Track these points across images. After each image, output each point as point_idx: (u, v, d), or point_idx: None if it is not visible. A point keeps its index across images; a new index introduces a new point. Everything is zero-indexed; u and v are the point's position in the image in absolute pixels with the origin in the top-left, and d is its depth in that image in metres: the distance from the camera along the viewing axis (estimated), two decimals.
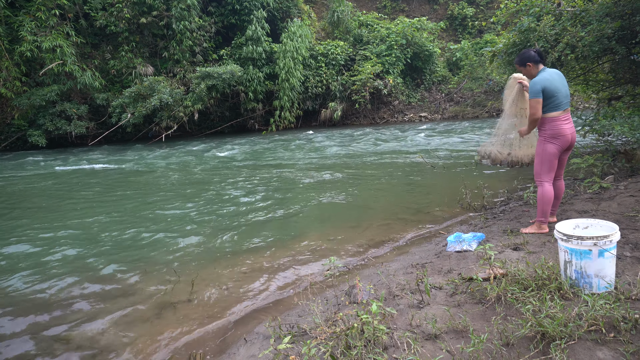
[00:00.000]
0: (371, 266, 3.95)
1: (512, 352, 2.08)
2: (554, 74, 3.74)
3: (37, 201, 7.89)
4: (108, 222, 6.13)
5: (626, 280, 2.63)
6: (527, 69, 3.85)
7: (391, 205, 6.32)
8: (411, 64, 23.65)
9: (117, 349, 2.99)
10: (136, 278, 4.13)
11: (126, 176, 10.36)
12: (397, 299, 2.89)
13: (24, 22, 16.22)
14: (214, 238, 5.19)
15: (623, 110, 7.11)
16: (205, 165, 11.59)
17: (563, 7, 6.49)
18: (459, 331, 2.34)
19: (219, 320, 3.29)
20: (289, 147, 14.65)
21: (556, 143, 3.71)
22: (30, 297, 3.84)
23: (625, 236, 3.35)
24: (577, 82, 7.71)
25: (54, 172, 11.41)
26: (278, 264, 4.30)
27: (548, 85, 3.65)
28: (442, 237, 4.54)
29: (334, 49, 22.47)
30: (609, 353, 1.99)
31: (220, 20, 20.94)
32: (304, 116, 22.57)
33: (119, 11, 18.13)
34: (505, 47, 6.90)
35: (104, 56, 19.12)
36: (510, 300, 2.52)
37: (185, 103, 18.76)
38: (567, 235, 2.57)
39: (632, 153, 6.13)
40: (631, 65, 6.55)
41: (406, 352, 2.18)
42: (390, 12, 28.47)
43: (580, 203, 4.65)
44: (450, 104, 23.82)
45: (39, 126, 17.08)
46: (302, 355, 2.16)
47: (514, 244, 3.64)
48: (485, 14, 27.39)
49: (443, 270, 3.36)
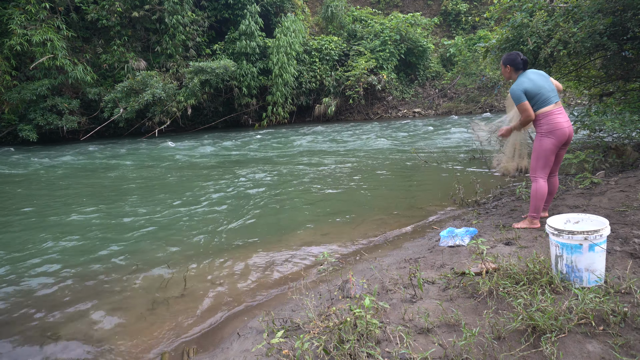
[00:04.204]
0: (364, 261, 3.96)
1: (504, 345, 2.10)
2: (532, 74, 3.80)
3: (32, 193, 7.82)
4: (99, 217, 6.10)
5: (616, 274, 2.66)
6: (506, 69, 3.93)
7: (384, 201, 6.34)
8: (405, 59, 23.65)
9: (109, 344, 2.98)
10: (128, 274, 4.12)
11: (118, 171, 10.28)
12: (390, 293, 2.91)
13: (13, 15, 15.99)
14: (206, 234, 5.18)
15: (614, 106, 7.18)
16: (197, 160, 11.54)
17: (556, 3, 6.52)
18: (451, 325, 2.36)
19: (212, 315, 3.29)
20: (281, 142, 14.62)
21: (553, 138, 3.71)
22: (21, 293, 3.81)
23: (615, 231, 3.38)
24: (569, 78, 7.75)
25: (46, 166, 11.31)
26: (271, 259, 4.30)
27: (528, 85, 3.71)
28: (435, 232, 4.56)
29: (327, 44, 22.41)
30: (598, 346, 2.02)
31: (214, 15, 20.79)
32: (297, 111, 22.53)
33: (110, 4, 17.93)
34: (499, 42, 6.91)
35: (95, 50, 18.92)
36: (502, 294, 2.54)
37: (178, 98, 18.64)
38: (558, 230, 2.59)
39: (623, 149, 6.19)
40: (622, 61, 6.59)
41: (399, 345, 2.19)
42: (384, 8, 28.41)
43: (572, 198, 4.69)
44: (444, 100, 23.88)
45: (29, 121, 16.89)
46: (295, 349, 2.17)
47: (506, 238, 3.66)
48: (479, 10, 27.43)
49: (436, 264, 3.38)
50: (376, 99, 23.32)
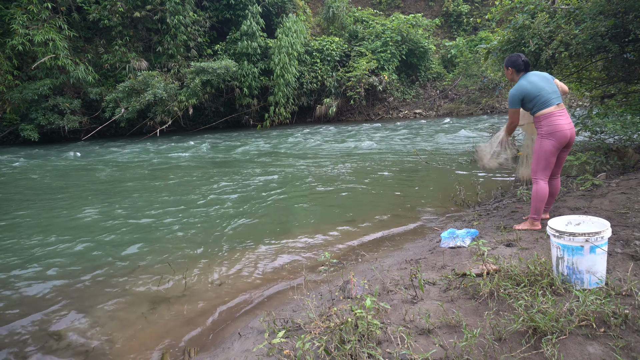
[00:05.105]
0: (365, 262, 3.97)
1: (504, 347, 2.11)
2: (532, 76, 3.80)
3: (28, 193, 7.83)
4: (99, 217, 6.10)
5: (617, 276, 2.66)
6: (508, 71, 3.95)
7: (386, 201, 6.34)
8: (406, 60, 23.65)
9: (111, 343, 2.98)
10: (129, 274, 4.12)
11: (121, 171, 10.30)
12: (391, 294, 2.91)
13: (15, 15, 16.02)
14: (206, 233, 5.18)
15: (616, 108, 7.16)
16: (198, 160, 11.54)
17: (557, 4, 6.52)
18: (452, 326, 2.37)
19: (213, 315, 3.30)
20: (283, 143, 14.62)
21: (553, 139, 3.69)
22: (21, 292, 3.82)
23: (616, 233, 3.38)
24: (571, 79, 7.74)
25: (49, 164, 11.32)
26: (272, 259, 4.30)
27: (527, 88, 3.71)
28: (436, 233, 4.57)
29: (329, 45, 22.42)
30: (599, 348, 2.02)
31: (215, 15, 20.81)
32: (298, 112, 22.54)
33: (112, 5, 17.95)
34: (500, 44, 6.91)
35: (97, 50, 18.95)
36: (502, 296, 2.54)
37: (179, 98, 18.66)
38: (559, 232, 2.59)
39: (624, 151, 6.19)
40: (624, 63, 6.58)
41: (399, 346, 2.19)
42: (385, 9, 28.42)
43: (573, 200, 4.69)
44: (445, 101, 23.88)
45: (31, 120, 16.92)
46: (296, 349, 2.17)
47: (507, 240, 3.66)
48: (480, 11, 27.43)
49: (437, 266, 3.39)
50: (377, 99, 23.33)
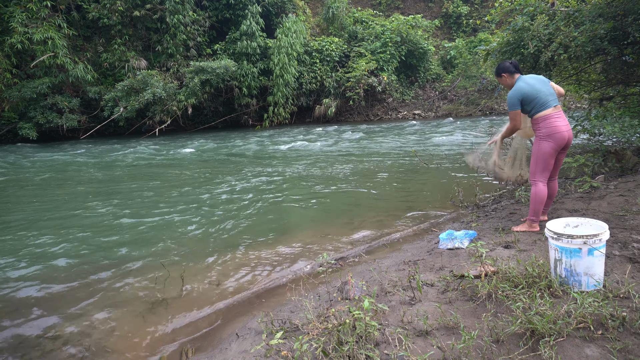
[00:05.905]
0: (363, 263, 3.96)
1: (502, 349, 2.10)
2: (529, 79, 3.82)
3: (26, 193, 7.82)
4: (98, 217, 6.09)
5: (615, 278, 2.66)
6: (503, 78, 3.97)
7: (384, 203, 6.34)
8: (405, 61, 23.68)
9: (108, 344, 2.97)
10: (127, 274, 4.11)
11: (119, 170, 10.29)
12: (389, 295, 2.91)
13: (14, 13, 16.00)
14: (204, 234, 5.18)
15: (614, 110, 7.18)
16: (196, 159, 11.53)
17: (557, 7, 6.52)
18: (449, 328, 2.36)
19: (210, 316, 3.29)
20: (282, 143, 14.62)
21: (551, 141, 3.71)
22: (20, 292, 3.81)
23: (614, 235, 3.39)
24: (570, 81, 7.76)
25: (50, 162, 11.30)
26: (270, 260, 4.30)
27: (525, 91, 3.72)
28: (434, 234, 4.57)
29: (328, 45, 22.44)
30: (596, 350, 2.02)
31: (215, 15, 20.81)
32: (298, 112, 22.55)
33: (112, 3, 17.94)
34: (499, 46, 6.91)
35: (96, 49, 18.93)
36: (500, 298, 2.54)
37: (178, 97, 18.65)
38: (557, 234, 2.60)
39: (623, 153, 6.20)
40: (623, 66, 6.60)
41: (397, 348, 2.19)
42: (385, 9, 28.46)
43: (571, 202, 4.70)
44: (444, 102, 23.91)
45: (29, 119, 16.89)
46: (294, 350, 2.17)
47: (505, 241, 3.66)
48: (480, 13, 27.48)
49: (435, 267, 3.38)
50: (376, 100, 23.35)
